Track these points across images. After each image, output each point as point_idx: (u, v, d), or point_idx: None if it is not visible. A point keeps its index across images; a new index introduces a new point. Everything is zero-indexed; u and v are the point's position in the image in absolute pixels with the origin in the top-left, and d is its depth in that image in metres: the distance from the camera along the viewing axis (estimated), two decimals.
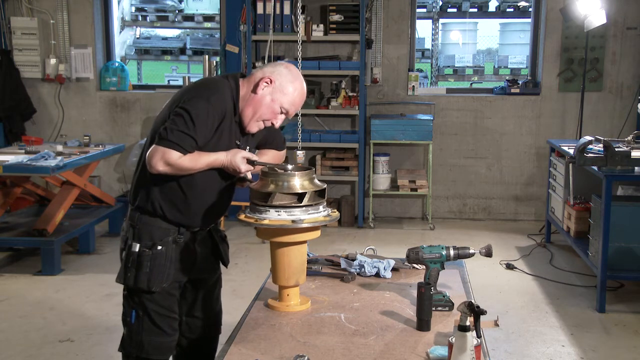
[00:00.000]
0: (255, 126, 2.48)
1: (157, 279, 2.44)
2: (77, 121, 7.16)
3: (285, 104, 2.45)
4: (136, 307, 2.49)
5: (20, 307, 4.55)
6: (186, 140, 2.32)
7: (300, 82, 2.49)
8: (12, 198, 5.61)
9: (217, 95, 2.39)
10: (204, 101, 2.35)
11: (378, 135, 6.34)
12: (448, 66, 8.93)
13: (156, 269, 2.43)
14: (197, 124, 2.32)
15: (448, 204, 7.01)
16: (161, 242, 2.45)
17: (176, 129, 2.31)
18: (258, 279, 2.86)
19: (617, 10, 6.48)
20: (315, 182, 2.41)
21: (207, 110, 2.35)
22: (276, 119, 2.47)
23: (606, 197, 4.33)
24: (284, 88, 2.44)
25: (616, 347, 3.95)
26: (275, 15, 6.36)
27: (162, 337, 2.50)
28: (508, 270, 5.31)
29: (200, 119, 2.33)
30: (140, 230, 2.46)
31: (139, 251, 2.44)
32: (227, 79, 2.48)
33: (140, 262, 2.43)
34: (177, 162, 2.32)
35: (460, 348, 1.83)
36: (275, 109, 2.45)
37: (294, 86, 2.46)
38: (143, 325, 2.49)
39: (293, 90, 2.45)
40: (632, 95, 6.61)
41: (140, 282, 2.43)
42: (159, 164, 2.31)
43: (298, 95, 2.47)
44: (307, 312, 2.41)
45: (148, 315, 2.48)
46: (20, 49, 6.94)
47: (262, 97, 2.43)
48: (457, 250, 2.48)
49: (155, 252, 2.43)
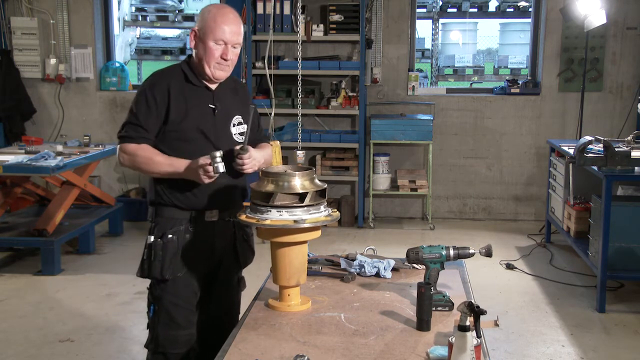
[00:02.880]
0: (217, 72, 2.54)
1: (170, 267, 2.50)
2: (77, 121, 7.16)
3: (216, 36, 2.49)
4: (154, 300, 2.56)
5: (20, 307, 4.55)
6: (133, 129, 2.49)
7: (217, 8, 2.53)
8: (12, 198, 5.61)
9: (153, 78, 2.55)
10: (142, 89, 2.53)
11: (378, 135, 6.34)
12: (448, 66, 8.94)
13: (168, 257, 2.50)
14: (138, 111, 2.50)
15: (448, 204, 7.01)
16: (172, 230, 2.52)
17: (125, 123, 2.53)
18: (258, 279, 2.85)
19: (617, 10, 6.48)
20: (315, 182, 2.41)
21: (144, 95, 2.50)
22: (225, 54, 2.51)
23: (606, 197, 4.33)
24: (205, 26, 2.50)
25: (616, 347, 3.95)
26: (275, 15, 6.36)
27: (176, 330, 2.54)
28: (508, 270, 5.31)
29: (139, 105, 2.50)
30: (156, 224, 2.56)
31: (152, 242, 2.52)
32: (174, 64, 2.65)
33: (154, 253, 2.50)
34: (135, 152, 2.47)
35: (460, 348, 1.83)
36: (211, 46, 2.49)
37: (212, 16, 2.50)
38: (159, 318, 2.55)
39: (213, 20, 2.49)
40: (632, 95, 6.61)
41: (154, 271, 2.51)
42: (120, 158, 2.52)
43: (220, 20, 2.49)
44: (307, 312, 2.41)
45: (164, 307, 2.54)
46: (20, 49, 6.94)
47: (197, 46, 2.53)
48: (457, 250, 2.48)
49: (167, 240, 2.51)
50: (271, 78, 5.27)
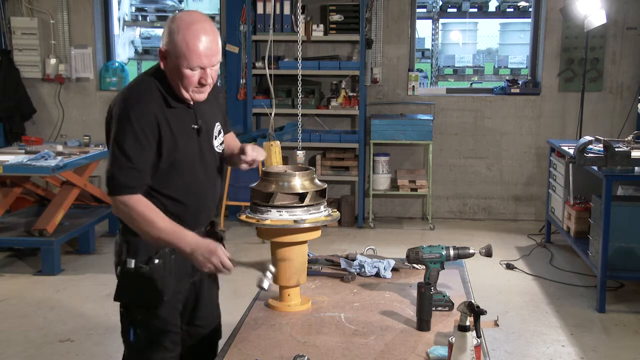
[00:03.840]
0: (196, 95, 2.22)
1: (157, 293, 2.26)
2: (77, 121, 7.16)
3: (190, 64, 2.13)
4: (135, 324, 2.32)
5: (20, 307, 4.55)
6: (127, 175, 2.12)
7: (186, 27, 2.12)
8: (12, 198, 5.60)
9: (134, 105, 2.15)
10: (127, 123, 2.12)
11: (378, 135, 6.34)
12: (448, 66, 8.96)
13: (156, 283, 2.25)
14: (128, 150, 2.11)
15: (448, 204, 7.01)
16: (158, 255, 2.25)
17: (114, 168, 2.13)
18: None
19: (617, 10, 6.48)
20: (315, 182, 2.41)
21: (131, 129, 2.12)
22: (204, 78, 2.17)
23: (606, 197, 4.33)
24: (176, 51, 2.12)
25: (616, 347, 3.95)
26: (275, 15, 6.36)
27: (163, 354, 2.35)
28: (508, 270, 5.31)
29: (127, 142, 2.11)
30: (134, 245, 2.25)
31: (135, 267, 2.24)
32: (147, 75, 2.24)
33: (137, 279, 2.25)
34: (134, 207, 2.13)
35: (460, 348, 1.83)
36: (187, 73, 2.14)
37: (182, 40, 2.11)
38: (143, 343, 2.32)
39: (184, 45, 2.11)
40: (632, 95, 6.61)
41: (139, 300, 2.28)
42: (115, 210, 2.18)
43: (193, 45, 2.11)
44: (307, 312, 2.41)
45: (149, 332, 2.32)
46: (20, 49, 6.94)
47: (170, 71, 2.17)
48: (457, 250, 2.48)
49: (153, 266, 2.24)
50: (271, 78, 5.27)
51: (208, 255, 2.12)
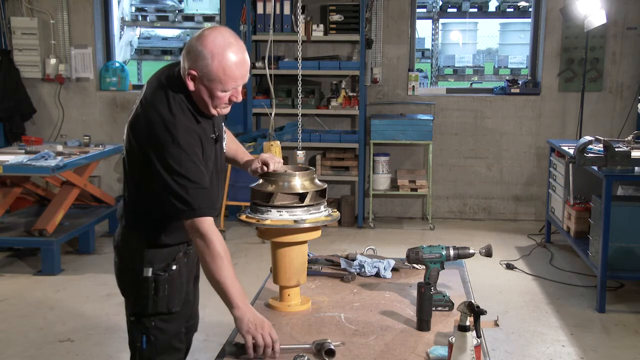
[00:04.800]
0: (223, 111, 2.22)
1: (177, 298, 2.28)
2: (77, 121, 7.16)
3: (227, 86, 2.12)
4: (149, 331, 2.29)
5: (20, 307, 4.55)
6: (200, 196, 2.08)
7: (224, 54, 2.08)
8: (12, 198, 5.60)
9: (181, 130, 2.09)
10: (178, 148, 2.07)
11: (378, 135, 6.34)
12: (448, 66, 8.96)
13: (174, 289, 2.26)
14: (193, 176, 2.08)
15: (448, 204, 7.01)
16: (174, 261, 2.27)
17: (186, 196, 2.06)
18: (258, 279, 2.85)
19: (617, 10, 6.48)
20: (315, 182, 2.41)
21: (187, 156, 2.08)
22: (235, 97, 2.18)
23: (606, 197, 4.33)
24: (210, 75, 2.09)
25: (616, 347, 3.95)
26: (275, 15, 6.36)
27: (176, 355, 2.37)
28: (508, 270, 5.31)
29: (189, 168, 2.08)
30: (151, 254, 2.24)
31: (152, 276, 2.23)
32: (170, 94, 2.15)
33: (157, 287, 2.23)
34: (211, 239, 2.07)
35: (460, 348, 1.83)
36: (219, 95, 2.13)
37: (222, 65, 2.08)
38: (156, 349, 2.30)
39: (221, 71, 2.08)
40: (632, 95, 6.61)
41: (161, 307, 2.25)
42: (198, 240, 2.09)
43: (230, 71, 2.09)
44: (307, 312, 2.41)
45: (164, 336, 2.30)
46: (20, 49, 6.94)
47: (199, 91, 2.13)
48: (457, 250, 2.48)
49: (172, 272, 2.24)
50: (271, 78, 5.25)
51: (260, 322, 2.04)
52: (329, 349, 2.00)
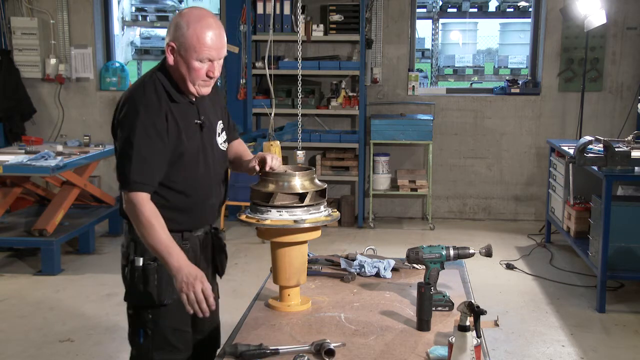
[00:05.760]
0: (202, 89, 2.27)
1: (167, 290, 2.26)
2: (77, 121, 7.16)
3: (200, 55, 2.19)
4: (145, 325, 2.32)
5: (20, 307, 4.55)
6: (139, 171, 2.15)
7: (196, 21, 2.18)
8: (12, 198, 5.61)
9: (144, 102, 2.19)
10: (136, 118, 2.16)
11: (378, 135, 6.34)
12: (448, 66, 8.96)
13: (164, 280, 2.25)
14: (141, 148, 2.15)
15: (448, 204, 7.01)
16: None
17: (127, 165, 2.15)
18: (258, 279, 2.85)
19: (617, 10, 6.48)
20: (315, 182, 2.41)
21: (143, 127, 2.15)
22: (211, 71, 2.23)
23: (606, 197, 4.33)
24: (186, 43, 2.18)
25: (616, 347, 3.95)
26: (275, 15, 6.36)
27: (174, 355, 2.35)
28: (508, 270, 5.31)
29: (140, 140, 2.15)
30: (142, 244, 2.23)
31: (143, 265, 2.27)
32: (150, 74, 2.29)
33: (147, 277, 2.27)
34: (141, 207, 2.14)
35: (460, 348, 1.83)
36: (196, 65, 2.20)
37: (193, 33, 2.17)
38: (154, 344, 2.32)
39: (195, 38, 2.17)
40: (632, 95, 6.60)
41: (149, 297, 2.27)
42: (127, 210, 2.18)
43: (204, 38, 2.18)
44: (307, 312, 2.41)
45: (159, 332, 2.31)
46: (20, 49, 6.94)
47: (177, 63, 2.22)
48: (457, 250, 2.48)
49: (161, 263, 2.22)
50: (271, 78, 5.27)
51: (192, 279, 2.08)
52: (328, 349, 2.00)
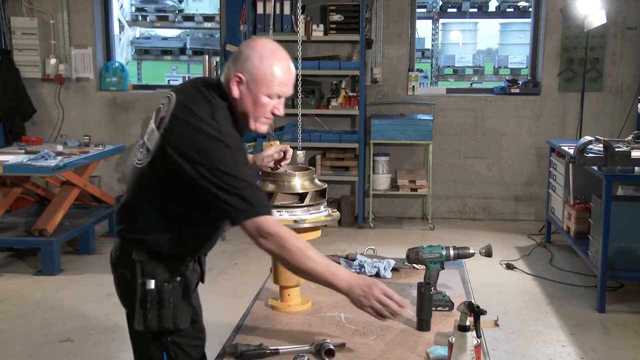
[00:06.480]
0: (261, 127, 2.13)
1: (183, 313, 2.12)
2: (77, 121, 7.16)
3: (272, 89, 2.07)
4: (168, 347, 2.15)
5: (20, 307, 4.55)
6: (257, 195, 1.98)
7: (273, 56, 2.07)
8: (12, 198, 5.61)
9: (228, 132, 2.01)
10: (225, 149, 1.97)
11: (378, 135, 6.34)
12: (448, 66, 8.95)
13: (180, 302, 2.11)
14: (245, 176, 1.97)
15: (448, 204, 7.01)
16: (178, 271, 2.13)
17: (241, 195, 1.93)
18: (258, 279, 2.85)
19: (617, 10, 6.48)
20: (315, 182, 2.41)
21: (236, 156, 1.99)
22: (277, 109, 2.12)
23: (606, 197, 4.33)
24: (258, 76, 2.04)
25: (616, 347, 3.95)
26: (275, 15, 6.36)
27: None
28: (508, 270, 5.31)
29: (240, 169, 1.97)
30: (151, 265, 2.11)
31: (156, 288, 2.08)
32: (211, 102, 2.05)
33: (162, 299, 2.08)
34: (283, 235, 1.97)
35: (460, 348, 1.83)
36: (264, 101, 2.07)
37: (269, 67, 2.05)
38: None
39: (270, 72, 2.05)
40: (632, 95, 6.60)
41: (166, 322, 2.09)
42: (261, 240, 2.00)
43: (279, 73, 2.07)
44: (307, 312, 2.41)
45: (183, 351, 2.18)
46: (20, 49, 6.94)
47: (243, 98, 2.06)
48: (457, 250, 2.48)
49: (176, 284, 2.10)
50: None
51: (368, 289, 1.95)
52: (328, 349, 2.00)
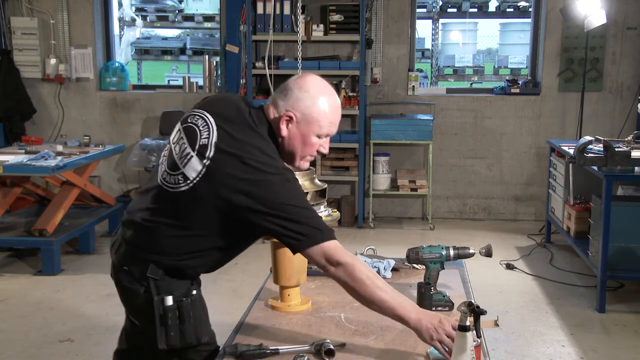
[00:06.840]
0: (304, 164, 2.17)
1: (202, 326, 2.15)
2: (77, 121, 7.16)
3: (323, 130, 2.09)
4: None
5: (20, 307, 4.55)
6: (323, 223, 2.01)
7: (325, 96, 2.08)
8: (12, 198, 5.61)
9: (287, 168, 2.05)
10: (291, 184, 2.01)
11: (378, 135, 6.34)
12: (448, 66, 8.94)
13: (199, 314, 2.14)
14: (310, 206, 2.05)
15: (448, 204, 7.01)
16: (193, 285, 2.17)
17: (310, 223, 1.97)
18: (258, 279, 2.85)
19: (617, 10, 6.48)
20: (315, 182, 2.41)
21: (300, 190, 2.05)
22: (323, 147, 2.13)
23: (606, 197, 4.33)
24: (311, 117, 2.06)
25: (616, 347, 3.95)
26: (275, 15, 6.36)
27: None
28: (508, 270, 5.31)
29: (305, 201, 2.05)
30: (167, 282, 2.11)
31: (175, 303, 2.08)
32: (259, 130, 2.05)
33: (182, 315, 2.08)
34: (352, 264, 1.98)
35: (460, 348, 1.83)
36: (313, 141, 2.09)
37: (323, 109, 2.07)
38: None
39: (324, 114, 2.07)
40: (632, 95, 6.61)
41: (189, 337, 2.10)
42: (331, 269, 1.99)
43: (329, 112, 2.08)
44: (307, 312, 2.41)
45: None
46: (20, 49, 6.94)
47: (292, 137, 2.08)
48: (457, 250, 2.47)
49: (193, 297, 2.12)
50: (271, 78, 5.27)
51: (437, 323, 1.95)
52: (328, 349, 2.00)
